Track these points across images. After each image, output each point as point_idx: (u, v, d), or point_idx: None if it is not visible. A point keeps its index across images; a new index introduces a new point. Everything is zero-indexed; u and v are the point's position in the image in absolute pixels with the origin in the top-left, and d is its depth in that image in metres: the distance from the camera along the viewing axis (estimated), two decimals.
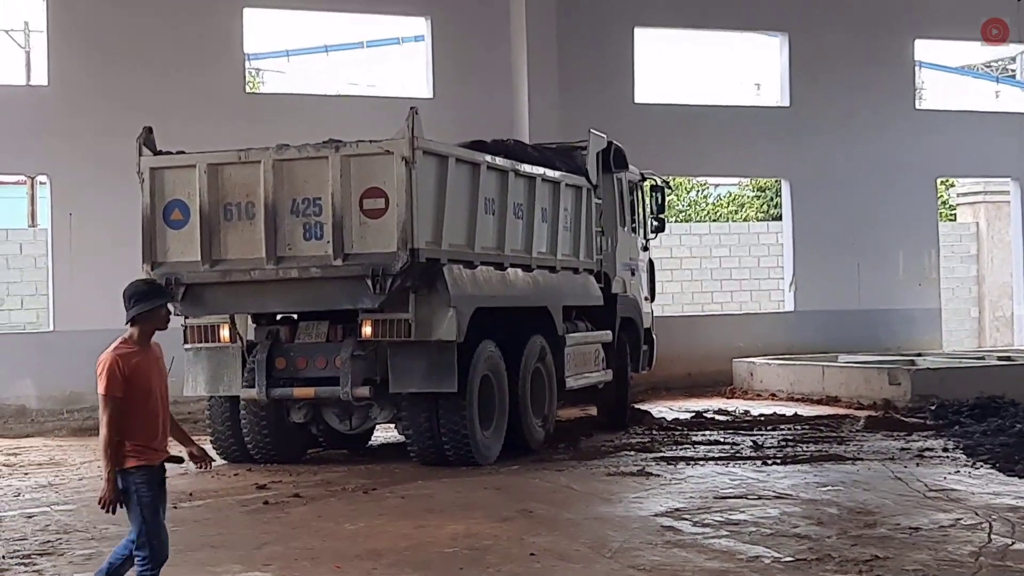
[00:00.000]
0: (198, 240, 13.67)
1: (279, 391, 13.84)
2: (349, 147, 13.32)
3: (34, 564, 9.50)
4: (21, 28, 36.67)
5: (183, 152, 14.07)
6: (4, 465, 15.53)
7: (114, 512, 7.08)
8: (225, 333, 14.13)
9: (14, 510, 12.07)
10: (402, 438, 14.60)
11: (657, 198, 19.72)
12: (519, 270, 15.31)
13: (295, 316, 14.45)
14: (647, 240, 19.72)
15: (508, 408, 14.72)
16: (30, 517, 11.65)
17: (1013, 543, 9.44)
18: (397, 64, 29.74)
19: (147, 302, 7.18)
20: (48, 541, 10.42)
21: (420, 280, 13.33)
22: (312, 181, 13.38)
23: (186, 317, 14.22)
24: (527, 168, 15.53)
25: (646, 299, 19.52)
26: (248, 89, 23.34)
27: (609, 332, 17.54)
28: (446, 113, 21.06)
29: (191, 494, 12.79)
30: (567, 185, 16.47)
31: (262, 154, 13.57)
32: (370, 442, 16.20)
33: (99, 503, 7.06)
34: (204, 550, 9.98)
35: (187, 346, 14.36)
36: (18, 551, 10.01)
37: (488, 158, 14.75)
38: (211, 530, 10.89)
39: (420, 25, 23.48)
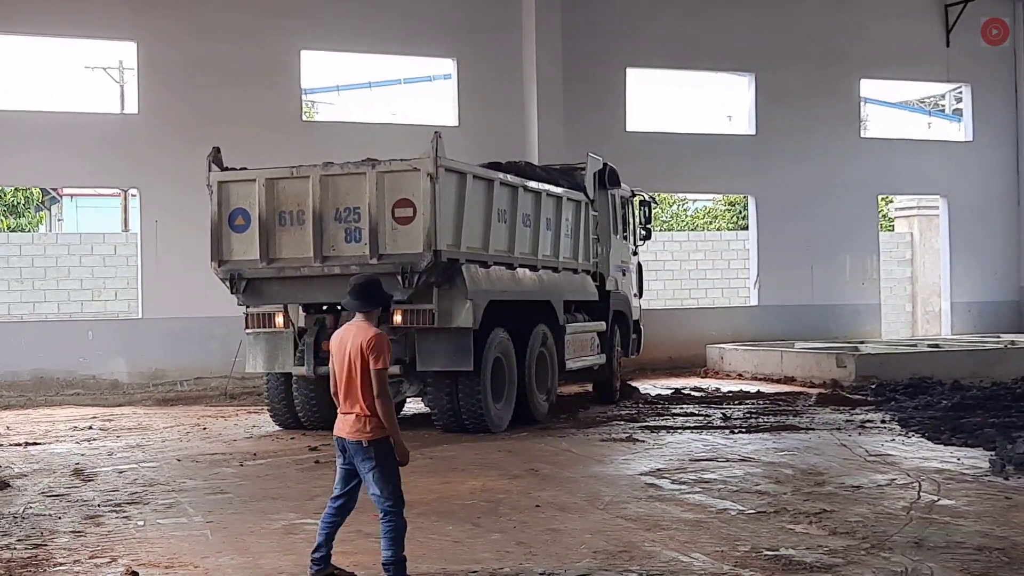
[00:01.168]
0: (257, 242, 13.71)
1: (324, 369, 13.63)
2: (383, 165, 13.30)
3: (123, 511, 9.52)
4: (116, 66, 36.80)
5: (245, 168, 14.08)
6: (100, 429, 15.55)
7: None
8: (280, 320, 14.10)
9: (108, 466, 12.09)
10: (428, 409, 14.59)
11: (645, 211, 19.69)
12: (527, 270, 15.25)
13: (339, 306, 14.32)
14: (636, 246, 19.59)
15: (516, 385, 14.69)
16: (121, 472, 11.68)
17: (939, 499, 9.43)
18: (429, 98, 29.71)
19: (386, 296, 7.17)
20: (136, 492, 10.44)
21: (442, 277, 13.31)
22: (352, 193, 13.37)
23: (247, 306, 14.23)
24: (534, 185, 15.47)
25: (635, 295, 19.42)
26: (304, 118, 23.36)
27: (603, 323, 17.47)
28: (469, 139, 21.12)
29: (255, 454, 12.84)
30: (568, 199, 16.40)
31: (311, 170, 13.60)
32: (402, 412, 16.14)
33: (402, 465, 6.92)
34: (265, 500, 10.00)
35: (248, 331, 14.37)
36: (111, 500, 10.05)
37: (501, 176, 14.71)
38: (271, 484, 10.92)
39: (448, 65, 23.47)
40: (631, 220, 19.20)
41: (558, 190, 16.17)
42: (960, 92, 29.54)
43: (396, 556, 6.84)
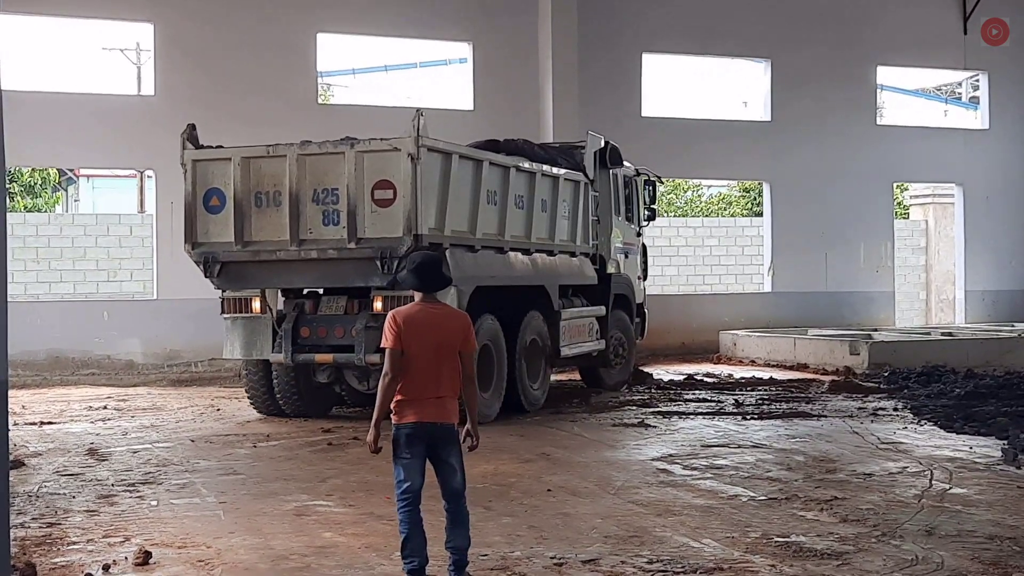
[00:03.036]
0: (232, 223, 13.19)
1: (303, 356, 13.31)
2: (362, 144, 12.76)
3: (137, 491, 9.56)
4: (134, 48, 36.81)
5: (221, 146, 13.60)
6: (114, 409, 15.62)
7: None
8: (257, 305, 13.51)
9: (122, 446, 12.14)
10: None
11: (650, 191, 18.92)
12: (519, 253, 14.62)
13: (320, 291, 13.89)
14: (640, 227, 18.85)
15: (507, 374, 14.12)
16: (135, 452, 11.72)
17: (950, 488, 9.40)
18: (445, 81, 29.67)
19: None
20: (149, 472, 10.48)
21: None
22: (330, 173, 12.83)
23: (223, 291, 13.69)
24: (527, 164, 14.87)
25: (639, 278, 18.79)
26: (320, 101, 23.32)
27: (603, 307, 16.87)
28: (485, 122, 21.06)
29: (268, 435, 12.86)
30: (566, 179, 15.77)
31: (288, 149, 13.05)
32: None
33: (473, 448, 6.69)
34: (277, 482, 10.02)
35: (225, 316, 13.74)
36: (124, 480, 10.09)
37: (490, 156, 14.08)
38: (284, 466, 10.94)
39: (464, 49, 23.44)
40: (635, 200, 18.55)
41: (555, 170, 15.57)
42: (977, 80, 29.38)
43: (470, 542, 6.67)
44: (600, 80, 23.50)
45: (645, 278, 19.28)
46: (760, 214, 29.04)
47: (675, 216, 35.13)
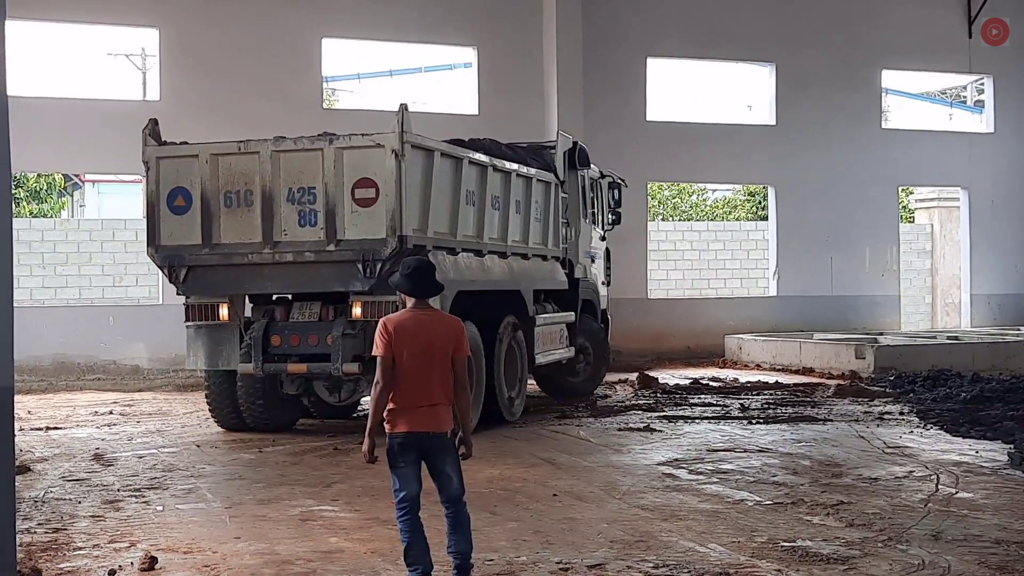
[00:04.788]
0: (199, 225, 12.41)
1: (273, 366, 12.38)
2: (342, 140, 12.03)
3: (143, 496, 9.56)
4: (139, 53, 36.86)
5: (186, 143, 12.84)
6: (120, 414, 15.62)
7: None
8: (224, 312, 12.67)
9: (127, 452, 12.13)
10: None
11: (614, 194, 18.45)
12: (496, 256, 14.12)
13: (289, 296, 13.01)
14: (605, 231, 18.34)
15: (484, 382, 13.44)
16: (141, 457, 11.72)
17: (956, 492, 9.38)
18: (450, 86, 29.69)
19: None
20: (155, 477, 10.48)
21: None
22: (307, 171, 12.06)
23: (187, 296, 12.89)
24: (504, 164, 14.35)
25: (603, 283, 18.32)
26: (325, 105, 23.36)
27: (572, 313, 16.32)
28: (488, 127, 20.93)
29: (273, 440, 12.85)
30: (538, 180, 15.26)
31: (260, 145, 12.29)
32: (356, 412, 14.78)
33: (466, 458, 6.58)
34: (283, 487, 10.01)
35: (188, 323, 12.95)
36: (130, 485, 10.09)
37: (470, 154, 13.46)
38: (290, 471, 10.93)
39: (469, 54, 23.47)
40: (601, 203, 18.03)
41: (529, 170, 15.03)
42: (982, 83, 29.37)
43: (472, 546, 6.61)
44: (604, 84, 23.53)
45: (609, 283, 18.77)
46: (765, 218, 29.04)
47: (680, 220, 35.12)
